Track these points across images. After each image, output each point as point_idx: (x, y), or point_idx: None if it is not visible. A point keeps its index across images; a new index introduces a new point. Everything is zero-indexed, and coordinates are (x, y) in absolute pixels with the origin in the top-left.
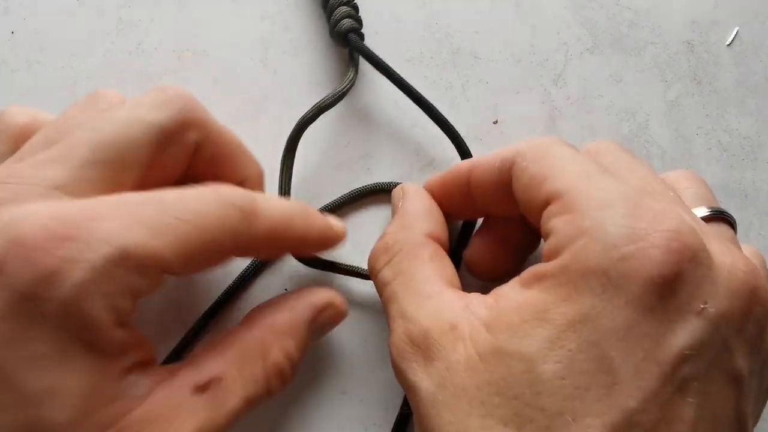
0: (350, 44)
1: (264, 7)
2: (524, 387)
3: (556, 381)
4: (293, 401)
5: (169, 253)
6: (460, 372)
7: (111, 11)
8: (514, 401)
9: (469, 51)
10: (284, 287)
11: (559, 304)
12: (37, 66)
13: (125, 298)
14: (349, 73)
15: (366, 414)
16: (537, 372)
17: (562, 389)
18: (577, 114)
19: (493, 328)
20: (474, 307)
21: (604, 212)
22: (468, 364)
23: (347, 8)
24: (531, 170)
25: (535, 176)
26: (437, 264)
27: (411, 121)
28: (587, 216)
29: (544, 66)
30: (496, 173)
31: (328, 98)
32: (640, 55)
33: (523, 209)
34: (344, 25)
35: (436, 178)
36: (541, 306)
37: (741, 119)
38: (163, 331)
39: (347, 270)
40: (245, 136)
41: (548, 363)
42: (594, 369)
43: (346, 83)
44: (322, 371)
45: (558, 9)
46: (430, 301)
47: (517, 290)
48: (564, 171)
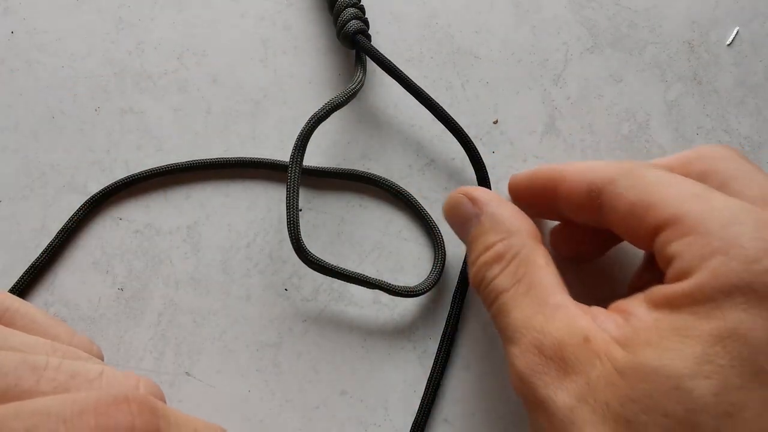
0: (358, 46)
1: (264, 7)
2: (674, 404)
3: (709, 398)
4: (293, 401)
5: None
6: (601, 388)
7: (111, 11)
8: (664, 419)
9: (469, 51)
10: (284, 287)
11: (701, 322)
12: (37, 66)
13: None
14: (358, 74)
15: (366, 414)
16: (687, 389)
17: (717, 406)
18: (577, 114)
19: (629, 346)
20: (603, 323)
21: (733, 229)
22: (608, 380)
23: (354, 10)
24: (628, 198)
25: (636, 204)
26: (553, 269)
27: (410, 120)
28: (715, 235)
29: (544, 66)
30: (584, 195)
31: (340, 97)
32: (640, 55)
33: (625, 236)
34: (351, 27)
35: (522, 179)
36: (681, 324)
37: (741, 119)
38: None
39: (353, 278)
40: (245, 135)
41: (699, 379)
42: (749, 385)
43: (356, 83)
44: (322, 371)
45: (558, 9)
46: (559, 312)
47: (646, 309)
48: (669, 195)
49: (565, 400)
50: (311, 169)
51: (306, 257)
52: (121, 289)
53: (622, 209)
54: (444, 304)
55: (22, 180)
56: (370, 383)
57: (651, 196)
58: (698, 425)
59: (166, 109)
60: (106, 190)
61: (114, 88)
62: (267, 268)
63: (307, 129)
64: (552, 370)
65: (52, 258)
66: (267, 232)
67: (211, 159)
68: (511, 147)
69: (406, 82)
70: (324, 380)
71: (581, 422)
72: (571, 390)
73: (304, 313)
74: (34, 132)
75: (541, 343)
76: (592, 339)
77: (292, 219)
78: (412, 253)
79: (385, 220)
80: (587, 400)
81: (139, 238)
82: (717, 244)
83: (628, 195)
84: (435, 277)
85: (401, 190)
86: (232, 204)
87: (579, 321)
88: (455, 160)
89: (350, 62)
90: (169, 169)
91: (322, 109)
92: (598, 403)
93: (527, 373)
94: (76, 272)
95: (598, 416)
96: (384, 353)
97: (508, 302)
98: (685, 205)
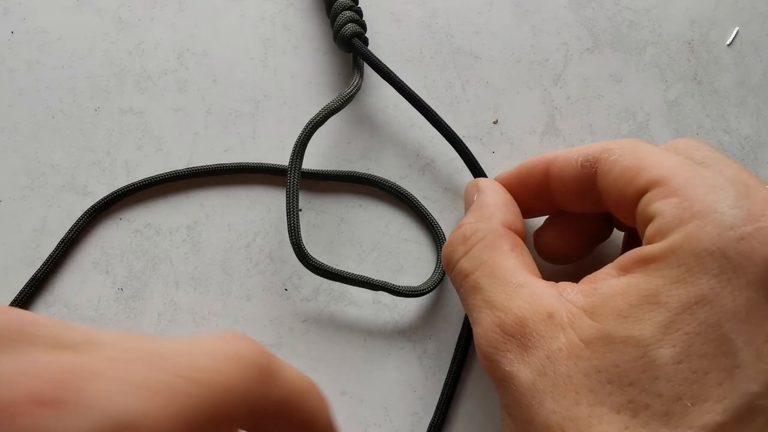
0: (354, 49)
1: (264, 7)
2: (639, 373)
3: (672, 365)
4: None
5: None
6: (563, 360)
7: (111, 11)
8: (629, 388)
9: (469, 51)
10: (284, 287)
11: (671, 286)
12: (37, 66)
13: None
14: (355, 77)
15: (366, 414)
16: (652, 357)
17: (679, 373)
18: (577, 114)
19: (597, 315)
20: (569, 295)
21: (715, 195)
22: (572, 351)
23: (351, 13)
24: (623, 162)
25: (629, 167)
26: (519, 254)
27: (410, 121)
28: (697, 199)
29: (544, 66)
30: (578, 168)
31: (336, 102)
32: (640, 55)
33: (612, 201)
34: (348, 30)
35: (510, 172)
36: (650, 290)
37: (741, 119)
38: None
39: (354, 280)
40: (245, 135)
41: (664, 347)
42: (713, 352)
43: (352, 88)
44: (322, 371)
45: (558, 9)
46: (522, 290)
47: (615, 276)
48: (661, 161)
49: (527, 374)
50: (311, 172)
51: (308, 262)
52: (121, 289)
53: (615, 172)
54: (444, 304)
55: (22, 180)
56: (370, 383)
57: (643, 161)
58: (660, 394)
59: (166, 109)
60: (106, 198)
61: (114, 88)
62: (267, 268)
63: (304, 135)
64: (514, 347)
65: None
66: (267, 233)
67: (211, 166)
68: (511, 147)
69: (400, 86)
70: (324, 380)
71: (541, 395)
72: (532, 365)
73: (304, 313)
74: (34, 132)
75: (502, 321)
76: (555, 313)
77: (293, 224)
78: (412, 253)
79: (385, 220)
80: (547, 374)
81: (139, 238)
82: (697, 209)
83: (623, 160)
84: (438, 276)
85: (402, 191)
86: (232, 204)
87: (543, 298)
88: (454, 162)
89: (350, 63)
90: (170, 176)
91: (319, 114)
92: (560, 376)
93: (490, 351)
94: (76, 272)
95: (559, 389)
96: (384, 353)
97: (473, 284)
98: (674, 170)
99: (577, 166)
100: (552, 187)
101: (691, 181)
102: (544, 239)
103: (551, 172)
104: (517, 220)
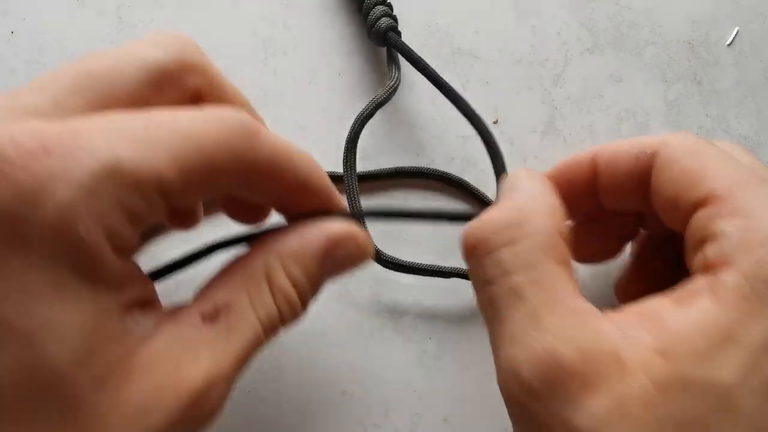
0: (389, 43)
1: (264, 7)
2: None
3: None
4: (293, 401)
5: (164, 167)
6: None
7: (111, 11)
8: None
9: (469, 51)
10: None
11: (747, 320)
12: (37, 66)
13: (122, 220)
14: (393, 70)
15: (366, 414)
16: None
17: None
18: (577, 114)
19: (671, 356)
20: (631, 332)
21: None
22: (643, 397)
23: (383, 7)
24: (683, 163)
25: (689, 171)
26: (571, 272)
27: (410, 120)
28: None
29: (544, 66)
30: (633, 160)
31: (382, 94)
32: (640, 55)
33: (665, 203)
34: (383, 25)
35: (549, 171)
36: (726, 324)
37: (741, 119)
38: None
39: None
40: None
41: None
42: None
43: (394, 80)
44: (322, 371)
45: (558, 9)
46: (581, 319)
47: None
48: (724, 172)
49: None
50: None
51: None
52: None
53: (672, 173)
54: (444, 304)
55: None
56: (370, 383)
57: (706, 167)
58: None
59: None
60: None
61: None
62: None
63: (355, 129)
64: (572, 384)
65: None
66: None
67: None
68: (511, 147)
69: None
70: (324, 380)
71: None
72: (594, 410)
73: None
74: None
75: (559, 351)
76: (621, 351)
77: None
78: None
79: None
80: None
81: None
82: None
83: (685, 160)
84: None
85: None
86: None
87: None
88: (455, 161)
89: (350, 63)
90: None
91: (367, 107)
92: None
93: (535, 384)
94: None
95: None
96: (384, 353)
97: (515, 289)
98: (739, 185)
99: (631, 158)
100: (601, 183)
101: (758, 201)
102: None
103: (600, 165)
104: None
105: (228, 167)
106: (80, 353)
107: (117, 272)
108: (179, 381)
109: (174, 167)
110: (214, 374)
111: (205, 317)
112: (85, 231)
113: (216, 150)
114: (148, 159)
